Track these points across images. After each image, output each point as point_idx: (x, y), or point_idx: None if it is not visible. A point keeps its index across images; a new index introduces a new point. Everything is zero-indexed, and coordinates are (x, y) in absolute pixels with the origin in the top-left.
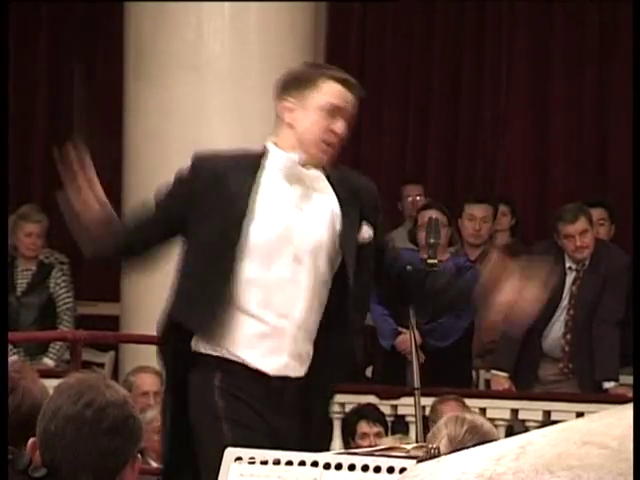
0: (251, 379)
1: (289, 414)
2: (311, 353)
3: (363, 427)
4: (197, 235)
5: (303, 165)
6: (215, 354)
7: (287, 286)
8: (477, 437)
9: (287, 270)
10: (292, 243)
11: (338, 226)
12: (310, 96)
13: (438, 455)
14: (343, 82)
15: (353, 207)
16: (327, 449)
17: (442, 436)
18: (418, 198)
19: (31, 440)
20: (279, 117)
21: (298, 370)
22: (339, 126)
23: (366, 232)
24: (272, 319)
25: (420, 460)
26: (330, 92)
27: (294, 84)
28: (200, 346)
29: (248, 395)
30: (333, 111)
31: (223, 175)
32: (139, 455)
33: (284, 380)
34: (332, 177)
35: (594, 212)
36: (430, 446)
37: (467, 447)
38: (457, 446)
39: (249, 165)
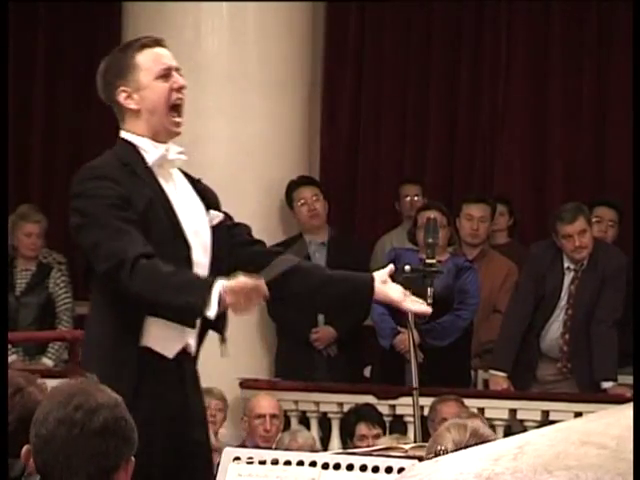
0: (155, 363)
1: (190, 392)
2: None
3: (362, 429)
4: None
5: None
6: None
7: (197, 270)
8: (480, 443)
9: (194, 254)
10: (188, 229)
11: (201, 207)
12: (139, 76)
13: None
14: (153, 45)
15: (199, 191)
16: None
17: (447, 440)
18: (416, 198)
19: (25, 447)
20: (122, 109)
21: (194, 347)
22: (179, 80)
23: (215, 217)
24: None
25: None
26: (151, 61)
27: (119, 73)
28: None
29: (155, 380)
30: (166, 73)
31: (130, 177)
32: (132, 458)
33: (182, 360)
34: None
35: (604, 212)
36: (439, 447)
37: None
38: None
39: (133, 164)
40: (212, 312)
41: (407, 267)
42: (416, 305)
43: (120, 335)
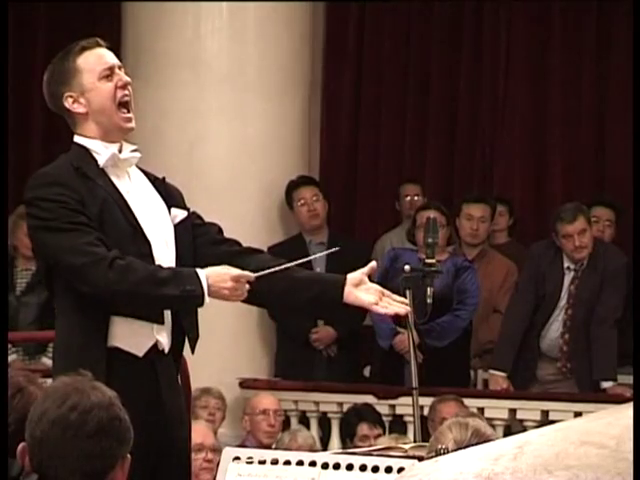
0: (126, 361)
1: (163, 386)
2: (169, 328)
3: (364, 429)
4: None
5: (118, 150)
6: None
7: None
8: (481, 442)
9: (156, 252)
10: (148, 227)
11: (162, 206)
12: (82, 79)
13: None
14: (91, 46)
15: (160, 190)
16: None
17: (448, 439)
18: (416, 198)
19: (21, 445)
20: (71, 114)
21: (165, 346)
22: (123, 77)
23: (178, 215)
24: None
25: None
26: (92, 63)
27: (62, 79)
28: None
29: (123, 379)
30: (108, 72)
31: (82, 181)
32: (128, 455)
33: (152, 355)
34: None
35: (601, 212)
36: (439, 447)
37: None
38: None
39: (88, 165)
40: (206, 298)
41: (407, 267)
42: (390, 308)
43: (87, 337)
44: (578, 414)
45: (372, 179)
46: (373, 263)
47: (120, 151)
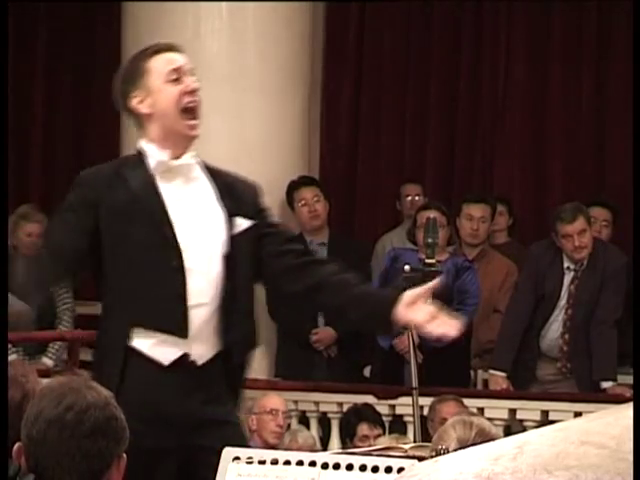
0: (147, 367)
1: (189, 397)
2: (213, 340)
3: (364, 430)
4: (121, 245)
5: (177, 156)
6: (124, 342)
7: (191, 278)
8: (486, 442)
9: (190, 263)
10: (187, 237)
11: (219, 216)
12: (150, 80)
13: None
14: (165, 50)
15: (228, 199)
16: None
17: (451, 438)
18: (417, 198)
19: (16, 445)
20: (135, 115)
21: (199, 358)
22: (190, 83)
23: (240, 225)
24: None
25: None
26: (162, 64)
27: (130, 81)
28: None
29: (144, 382)
30: (176, 76)
31: (113, 185)
32: (124, 454)
33: (181, 367)
34: (207, 167)
35: (598, 212)
36: (439, 447)
37: None
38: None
39: (133, 169)
40: None
41: (406, 267)
42: (442, 327)
43: (112, 337)
44: (578, 414)
45: (372, 179)
46: (433, 283)
47: (179, 157)
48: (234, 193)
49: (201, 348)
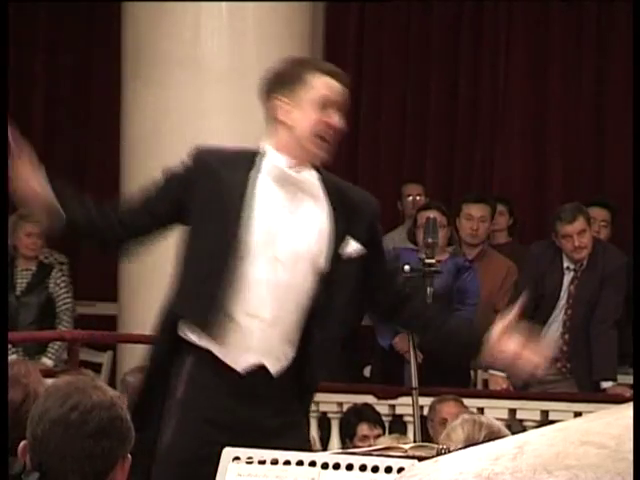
0: (221, 371)
1: (261, 406)
2: (288, 352)
3: (364, 430)
4: (196, 231)
5: (297, 167)
6: (193, 341)
7: (260, 287)
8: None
9: (263, 271)
10: (274, 245)
11: (325, 233)
12: (302, 92)
13: None
14: (332, 74)
15: (342, 217)
16: (303, 444)
17: (458, 437)
18: (418, 198)
19: (22, 443)
20: (271, 117)
21: (272, 368)
22: (335, 119)
23: (351, 247)
24: (241, 318)
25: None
26: (321, 85)
27: (283, 82)
28: (186, 332)
29: (215, 386)
30: (327, 104)
31: (217, 170)
32: (129, 455)
33: (254, 376)
34: (327, 183)
35: (597, 212)
36: (440, 447)
37: None
38: None
39: (244, 163)
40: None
41: (406, 267)
42: (534, 359)
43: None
44: (578, 414)
45: (372, 179)
46: (518, 306)
47: (298, 168)
48: (349, 211)
49: (270, 360)
